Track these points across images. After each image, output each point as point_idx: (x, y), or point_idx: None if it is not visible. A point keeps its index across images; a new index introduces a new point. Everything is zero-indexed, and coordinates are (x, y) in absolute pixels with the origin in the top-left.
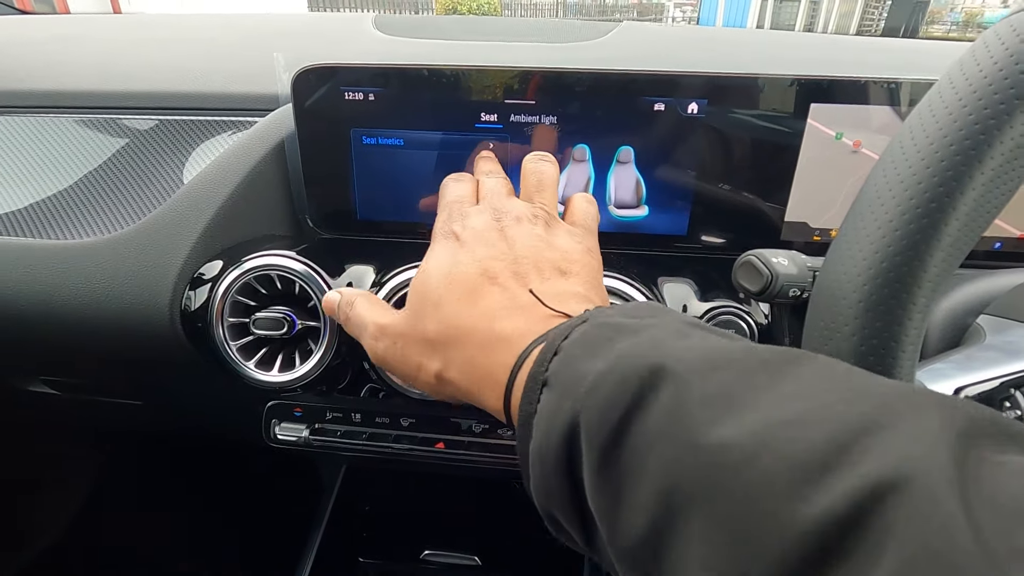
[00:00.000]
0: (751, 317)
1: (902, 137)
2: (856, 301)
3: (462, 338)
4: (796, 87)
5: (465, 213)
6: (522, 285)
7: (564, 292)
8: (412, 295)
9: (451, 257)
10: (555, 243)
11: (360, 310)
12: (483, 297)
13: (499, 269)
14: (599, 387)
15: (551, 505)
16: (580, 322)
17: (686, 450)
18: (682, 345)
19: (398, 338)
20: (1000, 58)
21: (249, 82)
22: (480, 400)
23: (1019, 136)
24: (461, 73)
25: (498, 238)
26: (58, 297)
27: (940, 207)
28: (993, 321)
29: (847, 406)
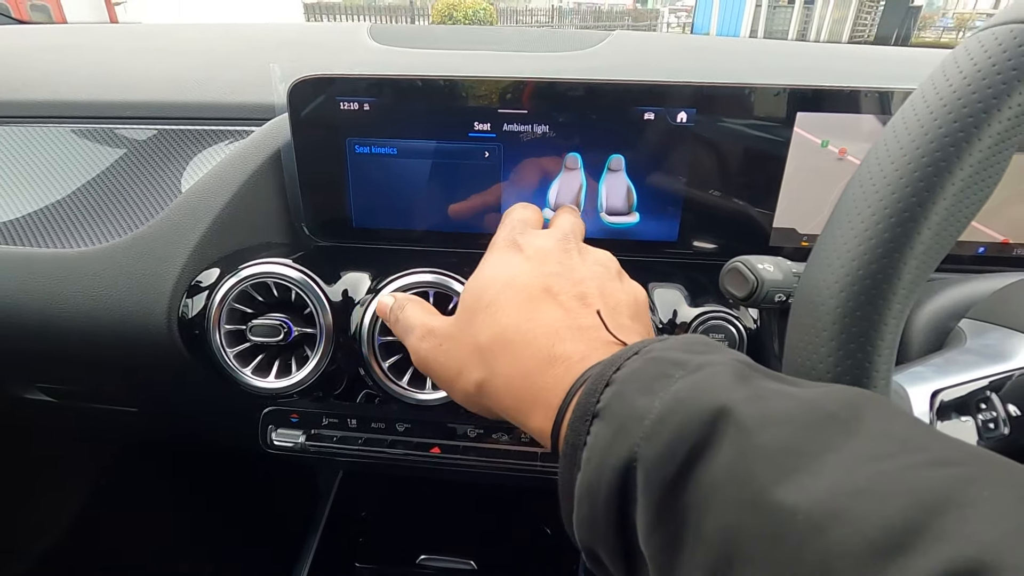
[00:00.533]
0: (740, 322)
1: (877, 148)
2: (834, 307)
3: (516, 350)
4: (782, 96)
5: (530, 232)
6: (583, 305)
7: (625, 326)
8: (466, 298)
9: (512, 266)
10: (612, 277)
11: (410, 312)
12: (543, 311)
13: (562, 287)
14: (659, 429)
15: (596, 543)
16: (632, 354)
17: (749, 508)
18: (743, 390)
19: (445, 340)
20: (969, 72)
21: (246, 92)
22: (523, 419)
23: (987, 148)
24: (454, 83)
25: (564, 258)
26: (56, 305)
27: (913, 216)
28: (974, 325)
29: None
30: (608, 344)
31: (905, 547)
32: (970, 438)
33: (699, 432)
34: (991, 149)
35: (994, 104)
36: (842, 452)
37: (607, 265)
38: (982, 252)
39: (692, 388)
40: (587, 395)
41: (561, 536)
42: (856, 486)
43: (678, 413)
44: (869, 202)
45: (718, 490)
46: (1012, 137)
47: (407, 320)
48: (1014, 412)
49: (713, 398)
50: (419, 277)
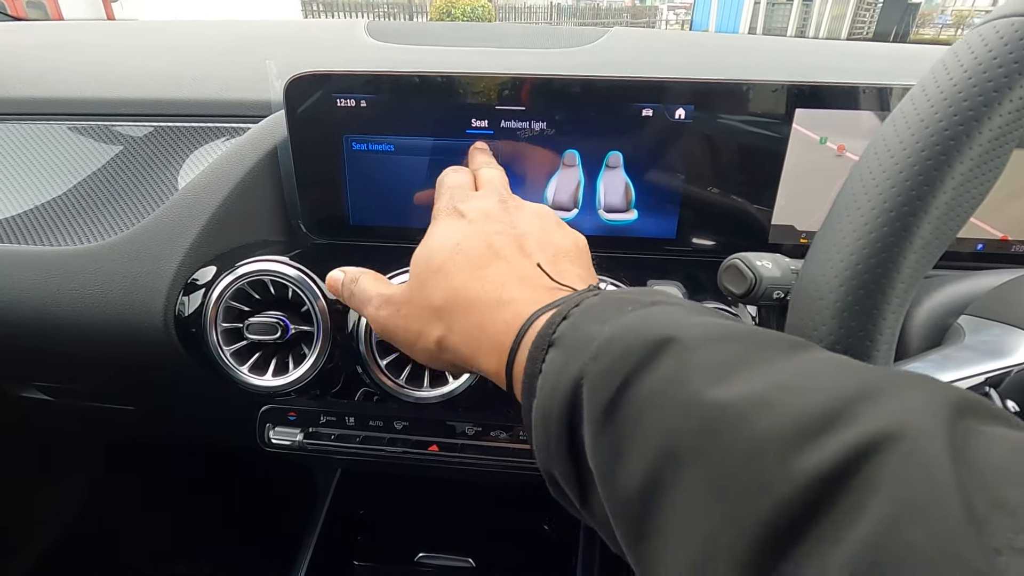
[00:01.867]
0: (738, 319)
1: (877, 143)
2: (833, 302)
3: (467, 304)
4: (781, 92)
5: (468, 195)
6: (525, 257)
7: (567, 271)
8: (416, 266)
9: (456, 232)
10: (551, 226)
11: (364, 284)
12: (489, 267)
13: (504, 243)
14: (605, 350)
15: (551, 464)
16: (592, 295)
17: (684, 408)
18: (691, 321)
19: (401, 306)
20: (969, 66)
21: (242, 89)
22: (480, 364)
23: (987, 142)
24: (452, 79)
25: (503, 216)
26: (52, 303)
27: (912, 211)
28: (972, 321)
29: (846, 377)
30: (553, 290)
31: (825, 428)
32: None
33: (643, 351)
34: (991, 143)
35: (995, 97)
36: (775, 364)
37: (544, 216)
38: (981, 249)
39: (643, 317)
40: (545, 327)
41: (559, 533)
42: (783, 384)
43: (625, 337)
44: (869, 196)
45: (657, 397)
46: (1013, 131)
47: (362, 292)
48: (1012, 408)
49: (661, 327)
50: None
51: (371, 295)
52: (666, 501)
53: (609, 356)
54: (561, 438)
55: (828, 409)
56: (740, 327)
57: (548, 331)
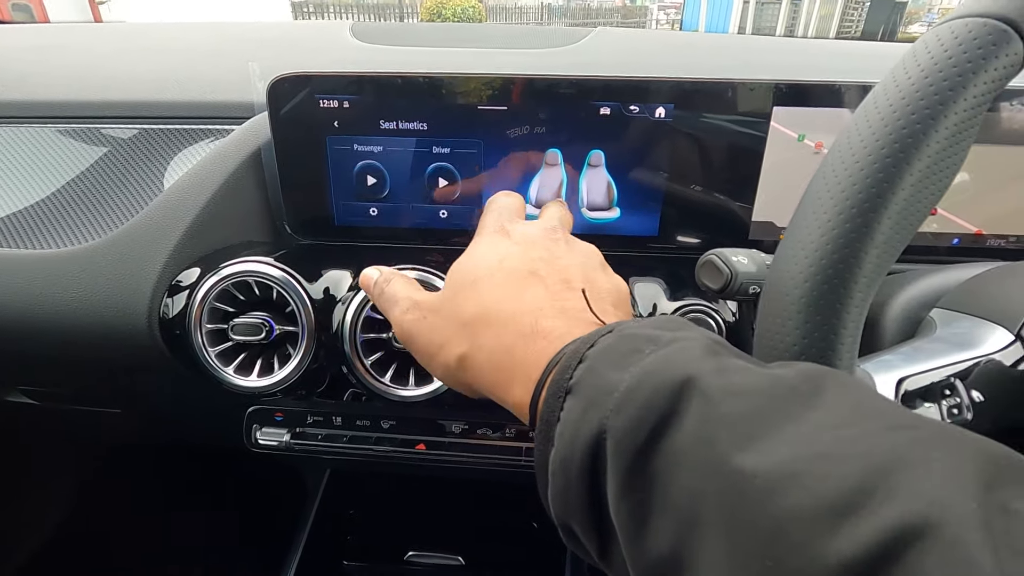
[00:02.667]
0: (719, 315)
1: (840, 141)
2: (798, 297)
3: (500, 323)
4: (759, 91)
5: (516, 219)
6: (567, 287)
7: (607, 311)
8: (453, 275)
9: (500, 249)
10: (601, 270)
11: (396, 286)
12: (528, 291)
13: (548, 271)
14: (627, 401)
15: (569, 517)
16: (606, 332)
17: (712, 474)
18: (711, 363)
19: (428, 313)
20: (926, 66)
21: (227, 91)
22: (503, 393)
23: (944, 139)
24: (434, 80)
25: (551, 245)
26: (36, 306)
27: (873, 207)
28: (944, 314)
29: (876, 438)
30: (590, 324)
31: (858, 506)
32: None
33: (666, 402)
34: (948, 140)
35: (950, 96)
36: (802, 421)
37: (591, 256)
38: (957, 243)
39: (662, 361)
40: (561, 372)
41: (548, 530)
42: (814, 451)
43: (647, 385)
44: (832, 193)
45: (683, 457)
46: (969, 128)
47: (392, 293)
48: (977, 398)
49: (681, 369)
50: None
51: (400, 297)
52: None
53: (632, 409)
54: (581, 492)
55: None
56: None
57: (564, 376)
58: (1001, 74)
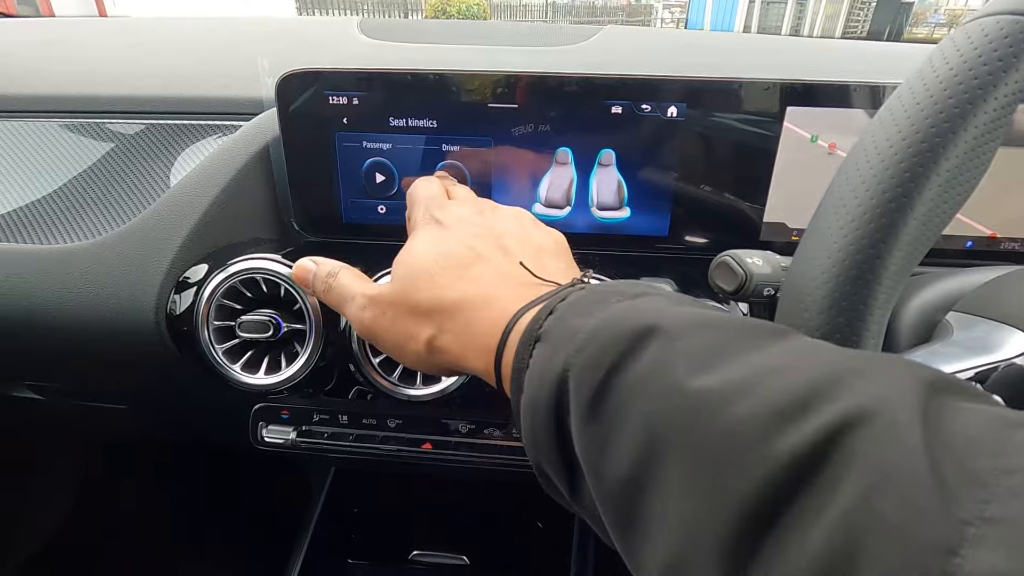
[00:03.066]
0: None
1: (864, 140)
2: (821, 298)
3: (454, 305)
4: (772, 91)
5: (443, 204)
6: (507, 257)
7: (549, 266)
8: (399, 269)
9: (438, 238)
10: (529, 226)
11: (344, 281)
12: (472, 268)
13: (485, 245)
14: (590, 341)
15: (540, 457)
16: (579, 288)
17: (667, 397)
18: (675, 310)
19: (388, 307)
20: (955, 63)
21: (235, 86)
22: (470, 363)
23: (972, 139)
24: (443, 77)
25: (480, 219)
26: (43, 302)
27: (899, 208)
28: (961, 318)
29: (827, 360)
30: (537, 286)
31: (807, 407)
32: None
33: (627, 341)
34: (977, 140)
35: (980, 94)
36: (758, 350)
37: (520, 217)
38: (970, 246)
39: (627, 308)
40: (532, 323)
41: (553, 530)
42: (765, 368)
43: (609, 328)
44: (856, 192)
45: (640, 386)
46: (998, 128)
47: (343, 288)
48: (998, 402)
49: (644, 317)
50: None
51: (353, 293)
52: (651, 489)
53: (593, 347)
54: (549, 430)
55: (807, 391)
56: (723, 316)
57: (535, 326)
58: None
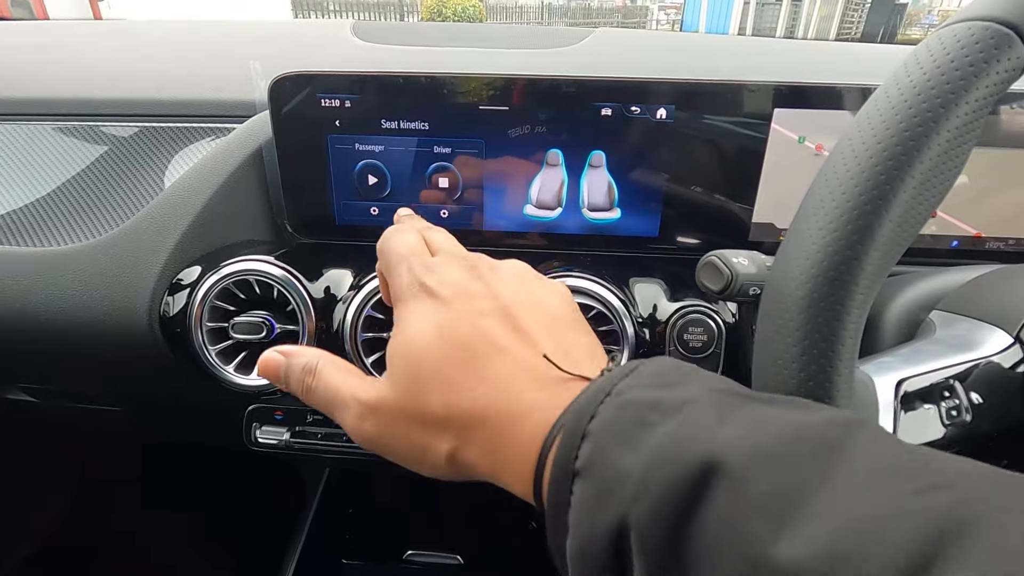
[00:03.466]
0: (719, 316)
1: (842, 144)
2: (799, 298)
3: (478, 416)
4: (760, 93)
5: (430, 265)
6: (526, 343)
7: (569, 344)
8: (400, 364)
9: (435, 317)
10: (536, 288)
11: (329, 380)
12: (489, 363)
13: (497, 327)
14: (646, 489)
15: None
16: (603, 396)
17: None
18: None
19: (390, 416)
20: (928, 68)
21: (228, 89)
22: (502, 480)
23: (945, 142)
24: (436, 80)
25: (481, 289)
26: (37, 304)
27: (874, 209)
28: (943, 316)
29: (915, 503)
30: (566, 383)
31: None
32: (934, 426)
33: (688, 487)
34: (950, 143)
35: (952, 99)
36: (835, 485)
37: (523, 276)
38: (956, 246)
39: (674, 437)
40: (564, 450)
41: (545, 530)
42: (855, 526)
43: (663, 469)
44: (833, 195)
45: (715, 546)
46: (971, 131)
47: (329, 390)
48: (976, 400)
49: (698, 448)
50: None
51: (345, 397)
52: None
53: (652, 498)
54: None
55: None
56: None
57: (568, 456)
58: (1003, 78)
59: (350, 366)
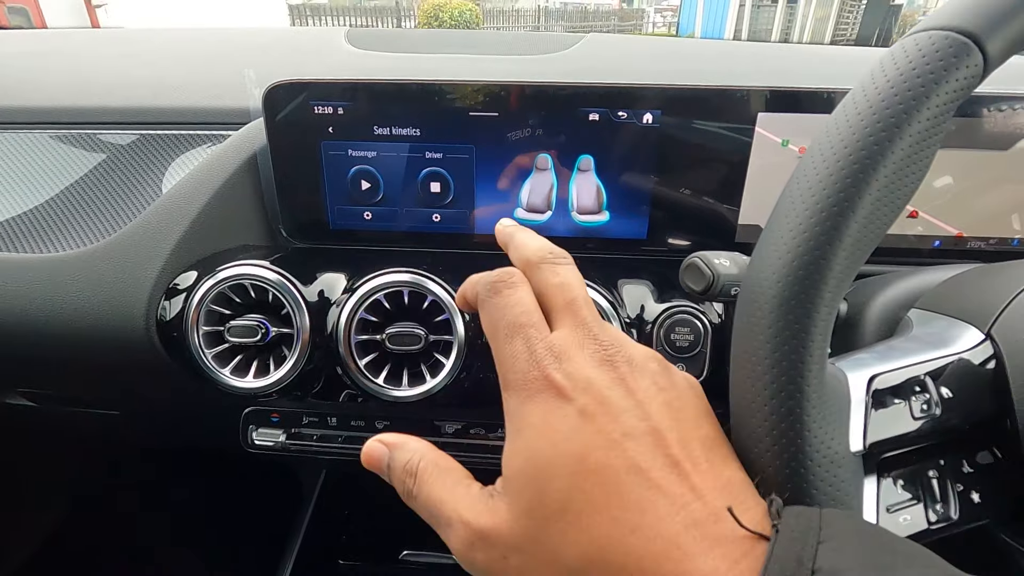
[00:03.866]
0: (705, 316)
1: (813, 147)
2: (771, 297)
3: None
4: (744, 97)
5: (557, 350)
6: (685, 484)
7: (732, 486)
8: (522, 484)
9: (571, 429)
10: (682, 397)
11: (434, 490)
12: (645, 508)
13: (648, 457)
14: None
15: None
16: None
17: None
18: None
19: (510, 553)
20: (892, 76)
21: (224, 96)
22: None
23: (908, 147)
24: (427, 86)
25: (625, 398)
26: (35, 309)
27: (841, 211)
28: (921, 314)
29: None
30: (743, 542)
31: None
32: (904, 420)
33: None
34: (913, 147)
35: (913, 105)
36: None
37: (657, 377)
38: (938, 245)
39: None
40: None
41: None
42: None
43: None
44: (803, 198)
45: None
46: (933, 136)
47: (431, 504)
48: (947, 395)
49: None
50: (394, 277)
51: (451, 517)
52: None
53: None
54: None
55: None
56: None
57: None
58: (962, 84)
59: (457, 468)
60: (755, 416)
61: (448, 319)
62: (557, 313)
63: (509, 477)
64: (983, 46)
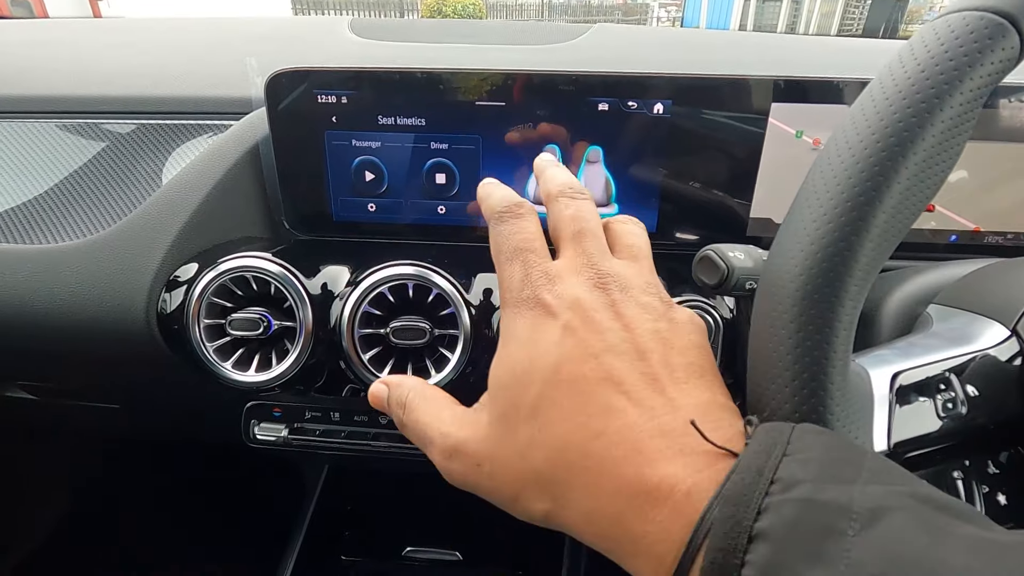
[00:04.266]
0: (716, 311)
1: (836, 135)
2: (794, 290)
3: (589, 478)
4: (757, 87)
5: (552, 274)
6: (661, 397)
7: (710, 405)
8: (499, 391)
9: (551, 342)
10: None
11: (420, 416)
12: (611, 415)
13: (625, 370)
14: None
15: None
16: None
17: None
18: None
19: (483, 460)
20: (922, 59)
21: (226, 86)
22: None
23: (939, 133)
24: (432, 76)
25: (611, 319)
26: (35, 301)
27: (868, 202)
28: (940, 310)
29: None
30: (708, 455)
31: None
32: (929, 419)
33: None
34: (944, 134)
35: (945, 89)
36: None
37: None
38: (954, 240)
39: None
40: (725, 554)
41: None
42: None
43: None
44: (828, 187)
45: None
46: (965, 123)
47: (418, 426)
48: (972, 392)
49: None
50: (398, 270)
51: (431, 435)
52: None
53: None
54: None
55: None
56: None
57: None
58: (997, 68)
59: (443, 396)
60: (775, 415)
61: (454, 313)
62: (564, 243)
63: (490, 388)
64: (1020, 27)
